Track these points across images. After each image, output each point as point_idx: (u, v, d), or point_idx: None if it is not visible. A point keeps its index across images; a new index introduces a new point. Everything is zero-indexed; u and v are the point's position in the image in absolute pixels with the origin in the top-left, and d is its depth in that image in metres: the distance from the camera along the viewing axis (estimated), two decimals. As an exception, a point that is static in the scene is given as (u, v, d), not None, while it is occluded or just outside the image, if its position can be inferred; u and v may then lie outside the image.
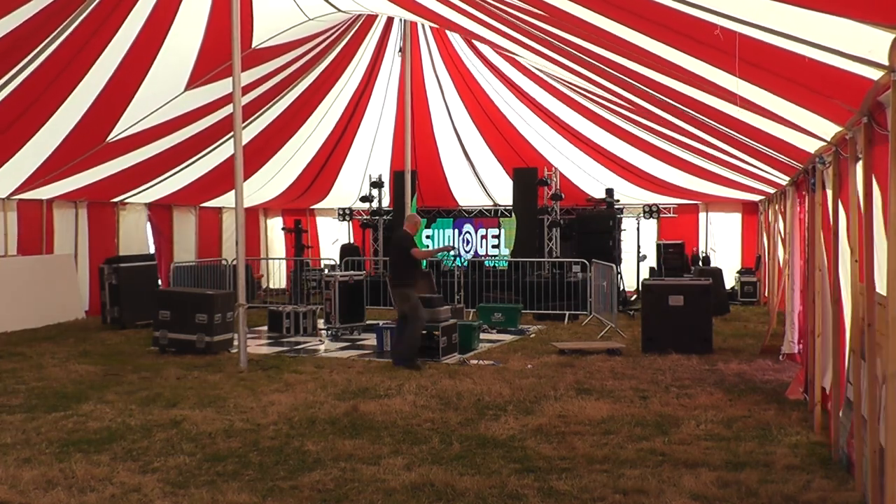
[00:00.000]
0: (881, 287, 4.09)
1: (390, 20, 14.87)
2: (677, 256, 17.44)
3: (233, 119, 10.09)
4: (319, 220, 21.41)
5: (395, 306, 10.49)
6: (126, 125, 12.74)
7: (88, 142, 12.77)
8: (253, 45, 12.27)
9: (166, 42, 11.31)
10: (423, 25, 14.65)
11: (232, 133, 10.50)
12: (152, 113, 12.69)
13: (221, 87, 12.71)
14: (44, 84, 10.97)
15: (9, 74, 10.44)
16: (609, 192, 15.51)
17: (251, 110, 14.26)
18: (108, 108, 12.10)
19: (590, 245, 15.56)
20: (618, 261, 15.51)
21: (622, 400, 7.80)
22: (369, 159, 18.86)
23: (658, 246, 17.81)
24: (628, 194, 18.01)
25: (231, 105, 10.51)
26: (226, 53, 11.24)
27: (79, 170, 13.53)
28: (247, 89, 12.27)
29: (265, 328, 13.09)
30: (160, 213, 17.12)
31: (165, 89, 12.26)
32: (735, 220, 18.06)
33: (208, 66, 12.13)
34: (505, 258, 17.52)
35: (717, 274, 14.88)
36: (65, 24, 10.06)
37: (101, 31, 10.58)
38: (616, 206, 16.38)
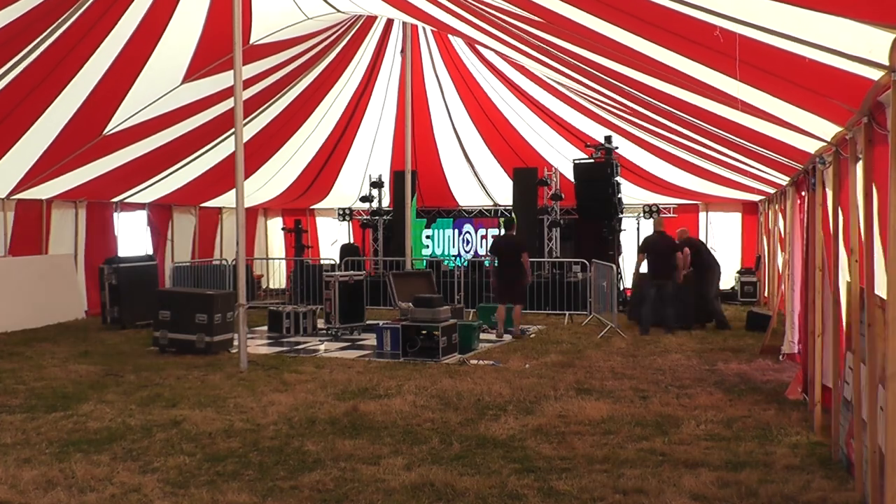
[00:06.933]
0: (880, 287, 4.09)
1: (390, 21, 14.87)
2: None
3: (231, 115, 10.09)
4: (319, 220, 21.42)
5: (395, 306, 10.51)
6: (123, 117, 12.74)
7: (85, 135, 12.76)
8: (251, 41, 12.28)
9: (164, 35, 11.32)
10: (423, 27, 14.65)
11: (230, 131, 10.50)
12: (149, 105, 12.69)
13: (219, 82, 12.72)
14: (41, 75, 10.98)
15: (6, 66, 10.44)
16: (608, 139, 15.21)
17: (249, 108, 14.25)
18: (105, 99, 12.11)
19: (590, 195, 15.26)
20: (619, 211, 15.31)
21: (622, 400, 7.80)
22: (369, 159, 18.87)
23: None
24: (628, 194, 18.00)
25: (229, 100, 10.47)
26: (223, 48, 11.26)
27: (77, 165, 13.52)
28: (244, 85, 12.29)
29: (265, 328, 13.09)
30: (159, 212, 17.12)
31: (162, 82, 12.27)
32: (735, 220, 18.05)
33: (205, 60, 12.15)
34: (505, 258, 17.48)
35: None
36: (64, 16, 10.08)
37: (101, 23, 10.60)
38: (614, 153, 15.56)
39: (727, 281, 17.56)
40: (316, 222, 21.38)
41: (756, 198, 16.41)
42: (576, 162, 15.81)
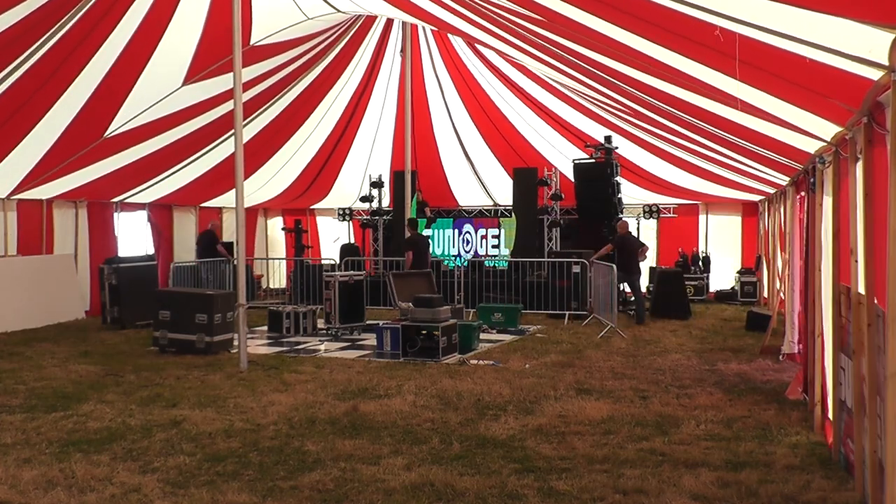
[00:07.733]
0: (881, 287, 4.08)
1: (390, 21, 14.87)
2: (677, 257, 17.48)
3: (232, 116, 10.09)
4: (319, 220, 21.43)
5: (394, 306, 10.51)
6: (124, 120, 12.74)
7: (87, 137, 12.77)
8: (251, 43, 12.28)
9: (164, 37, 11.32)
10: (423, 26, 14.65)
11: (230, 132, 10.49)
12: (150, 108, 12.69)
13: (219, 84, 12.72)
14: (42, 78, 10.97)
15: (7, 69, 10.44)
16: (608, 139, 15.32)
17: (249, 109, 14.25)
18: (106, 102, 12.11)
19: (590, 195, 15.39)
20: (620, 211, 15.44)
21: (622, 400, 7.80)
22: (369, 159, 18.87)
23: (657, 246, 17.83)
24: (628, 194, 18.02)
25: (229, 102, 10.45)
26: (223, 50, 11.24)
27: (78, 167, 13.53)
28: (244, 87, 12.30)
29: (265, 328, 13.09)
30: (160, 212, 17.12)
31: (163, 84, 12.27)
32: (735, 220, 18.06)
33: (206, 62, 12.14)
34: (505, 258, 17.52)
35: (677, 277, 14.80)
36: (64, 19, 10.08)
37: (100, 25, 10.59)
38: (613, 152, 15.69)
39: (727, 281, 17.60)
40: (316, 222, 21.40)
41: (756, 198, 16.41)
42: (576, 162, 15.82)
